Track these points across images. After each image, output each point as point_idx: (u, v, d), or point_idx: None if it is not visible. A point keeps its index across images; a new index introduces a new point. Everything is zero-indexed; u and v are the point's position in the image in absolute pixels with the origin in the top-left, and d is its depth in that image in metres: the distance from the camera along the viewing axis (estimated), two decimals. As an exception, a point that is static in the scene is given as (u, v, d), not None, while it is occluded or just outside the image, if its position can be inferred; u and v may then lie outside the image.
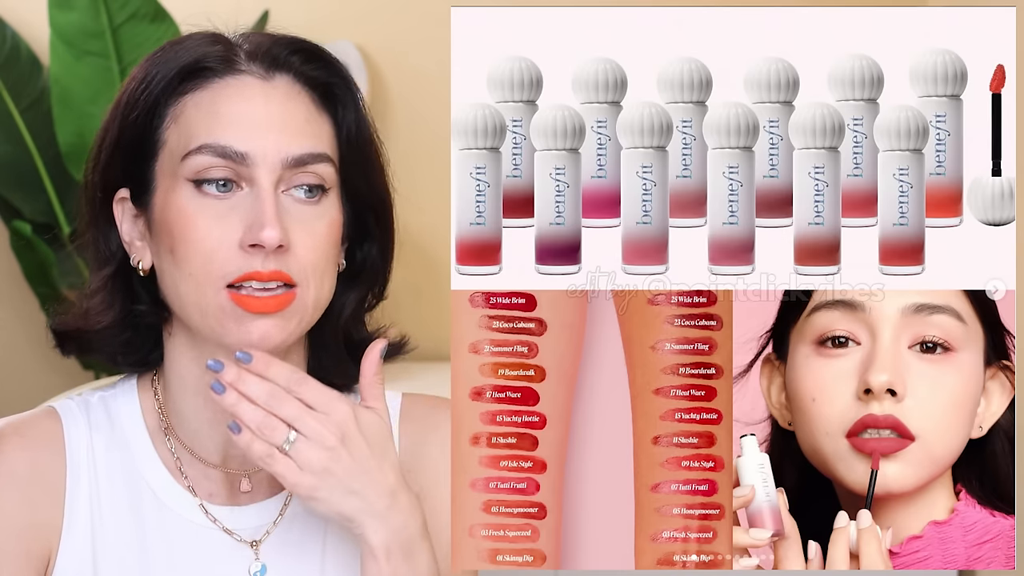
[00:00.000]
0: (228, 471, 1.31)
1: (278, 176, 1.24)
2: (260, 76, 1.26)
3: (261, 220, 1.22)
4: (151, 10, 2.85)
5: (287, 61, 1.27)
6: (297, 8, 3.05)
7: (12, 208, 2.99)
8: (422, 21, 3.05)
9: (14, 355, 3.16)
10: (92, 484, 1.29)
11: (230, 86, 1.25)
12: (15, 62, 2.98)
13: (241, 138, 1.23)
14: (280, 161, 1.23)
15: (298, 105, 1.26)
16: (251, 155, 1.23)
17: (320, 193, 1.25)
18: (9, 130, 2.96)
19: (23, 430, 1.29)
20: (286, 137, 1.24)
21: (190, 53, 1.26)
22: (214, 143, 1.23)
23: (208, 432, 1.30)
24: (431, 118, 3.06)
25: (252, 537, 1.30)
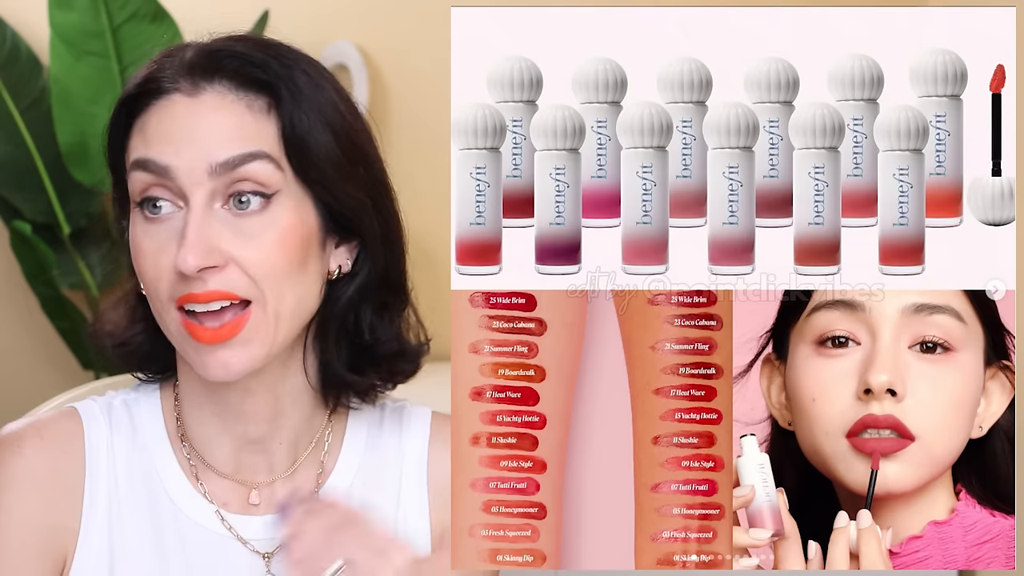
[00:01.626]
0: (240, 482, 1.31)
1: (210, 189, 1.21)
2: (187, 92, 1.23)
3: (181, 242, 1.19)
4: (151, 10, 2.85)
5: (221, 67, 1.24)
6: (297, 8, 3.05)
7: (12, 208, 2.99)
8: (422, 21, 3.05)
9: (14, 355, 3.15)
10: (111, 487, 1.29)
11: (161, 108, 1.23)
12: (15, 62, 2.98)
13: (164, 152, 1.21)
14: (205, 169, 1.20)
15: (228, 113, 1.22)
16: (173, 168, 1.21)
17: (263, 200, 1.22)
18: (9, 130, 2.96)
19: (43, 431, 1.29)
20: (211, 144, 1.21)
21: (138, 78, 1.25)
22: (140, 158, 1.22)
23: (218, 443, 1.30)
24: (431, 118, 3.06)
25: (265, 548, 1.30)
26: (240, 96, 1.23)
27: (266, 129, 1.23)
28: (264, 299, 1.22)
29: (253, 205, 1.21)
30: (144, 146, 1.23)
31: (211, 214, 1.21)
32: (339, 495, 1.25)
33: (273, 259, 1.22)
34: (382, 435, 1.35)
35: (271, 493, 1.31)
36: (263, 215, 1.22)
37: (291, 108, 1.23)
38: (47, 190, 2.97)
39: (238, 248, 1.21)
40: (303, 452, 1.32)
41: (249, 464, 1.30)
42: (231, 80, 1.23)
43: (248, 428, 1.29)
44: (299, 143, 1.23)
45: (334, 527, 1.20)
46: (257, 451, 1.30)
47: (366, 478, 1.33)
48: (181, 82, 1.23)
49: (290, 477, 1.31)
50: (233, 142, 1.21)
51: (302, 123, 1.23)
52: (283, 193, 1.23)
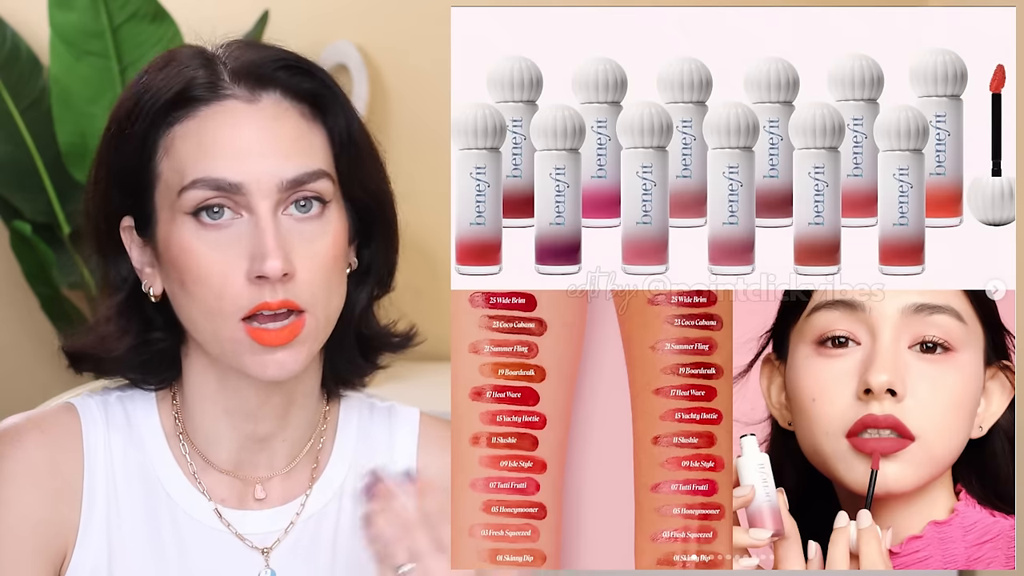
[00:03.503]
0: (240, 477, 1.31)
1: (275, 200, 1.22)
2: (245, 99, 1.24)
3: (263, 251, 1.21)
4: (151, 10, 2.85)
5: (273, 77, 1.25)
6: (297, 8, 3.04)
7: (12, 208, 2.99)
8: (422, 21, 3.05)
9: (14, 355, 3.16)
10: (109, 482, 1.29)
11: (216, 113, 1.23)
12: (15, 62, 2.98)
13: (232, 168, 1.22)
14: (275, 186, 1.22)
15: (286, 123, 1.24)
16: (245, 184, 1.22)
17: (320, 206, 1.24)
18: (9, 130, 2.96)
19: (43, 426, 1.30)
20: (278, 160, 1.22)
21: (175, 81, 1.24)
22: (206, 177, 1.22)
23: (224, 442, 1.31)
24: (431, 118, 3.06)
25: (263, 543, 1.30)
26: (293, 105, 1.25)
27: (316, 140, 1.26)
28: (317, 307, 1.24)
29: (309, 210, 1.24)
30: (206, 159, 1.22)
31: (279, 221, 1.23)
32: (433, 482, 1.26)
33: (327, 266, 1.25)
34: (372, 433, 1.36)
35: (269, 488, 1.31)
36: (320, 221, 1.25)
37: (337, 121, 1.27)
38: (47, 190, 2.97)
39: (301, 258, 1.23)
40: (303, 449, 1.33)
41: (250, 461, 1.31)
42: (281, 89, 1.25)
43: (258, 426, 1.30)
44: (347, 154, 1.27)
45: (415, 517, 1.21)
46: (261, 448, 1.31)
47: (358, 475, 1.33)
48: (236, 89, 1.24)
49: (287, 474, 1.32)
50: (297, 156, 1.23)
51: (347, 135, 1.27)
52: (334, 202, 1.26)
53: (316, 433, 1.34)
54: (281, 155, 1.23)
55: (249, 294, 1.22)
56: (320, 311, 1.25)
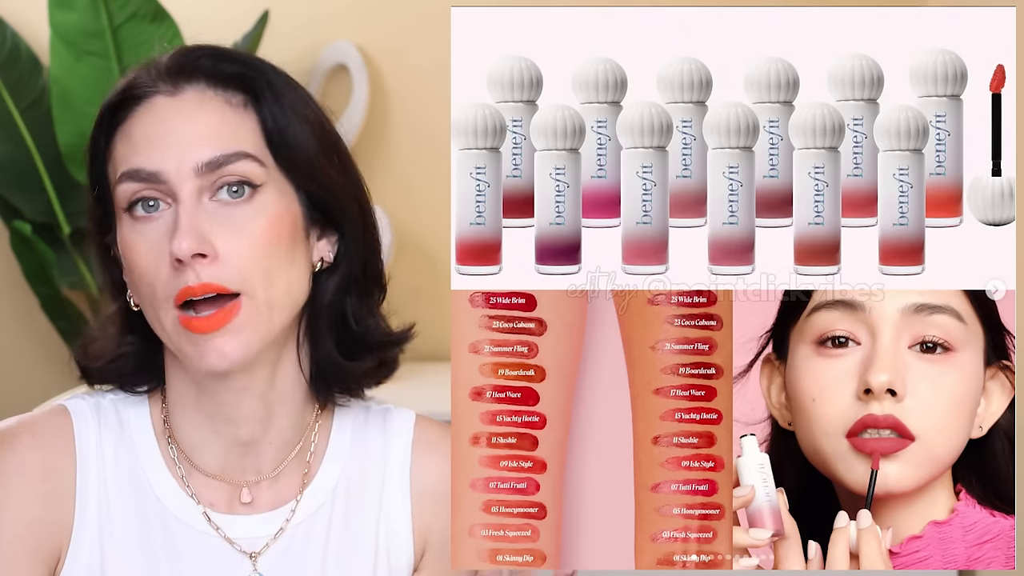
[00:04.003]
0: (228, 482, 1.31)
1: (196, 185, 1.23)
2: (168, 93, 1.26)
3: (175, 232, 1.22)
4: (151, 10, 2.85)
5: (196, 67, 1.27)
6: (297, 8, 3.05)
7: (12, 208, 2.99)
8: (422, 21, 3.05)
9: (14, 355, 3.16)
10: (101, 484, 1.29)
11: (144, 111, 1.26)
12: (15, 62, 2.98)
13: (151, 157, 1.24)
14: (192, 170, 1.23)
15: (209, 110, 1.26)
16: (163, 172, 1.24)
17: (250, 190, 1.25)
18: (9, 130, 2.96)
19: (35, 429, 1.30)
20: (195, 145, 1.24)
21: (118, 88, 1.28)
22: (128, 168, 1.25)
23: (207, 445, 1.31)
24: (431, 118, 3.06)
25: (252, 547, 1.30)
26: (218, 93, 1.26)
27: (245, 125, 1.26)
28: (254, 290, 1.24)
29: (240, 195, 1.24)
30: (132, 153, 1.25)
31: (200, 206, 1.24)
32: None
33: (261, 249, 1.24)
34: (367, 436, 1.35)
35: (258, 493, 1.31)
36: (250, 204, 1.25)
37: (268, 103, 1.27)
38: (47, 190, 2.97)
39: (227, 240, 1.23)
40: (290, 453, 1.32)
41: (237, 465, 1.31)
42: (208, 79, 1.27)
43: (239, 430, 1.30)
44: (280, 135, 1.26)
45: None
46: (246, 452, 1.31)
47: (350, 480, 1.34)
48: (160, 84, 1.26)
49: (276, 478, 1.32)
50: (217, 140, 1.24)
51: (280, 117, 1.27)
52: (268, 185, 1.26)
53: (306, 438, 1.33)
54: (199, 140, 1.24)
55: (173, 279, 1.23)
56: (259, 294, 1.24)
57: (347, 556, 1.32)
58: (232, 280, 1.23)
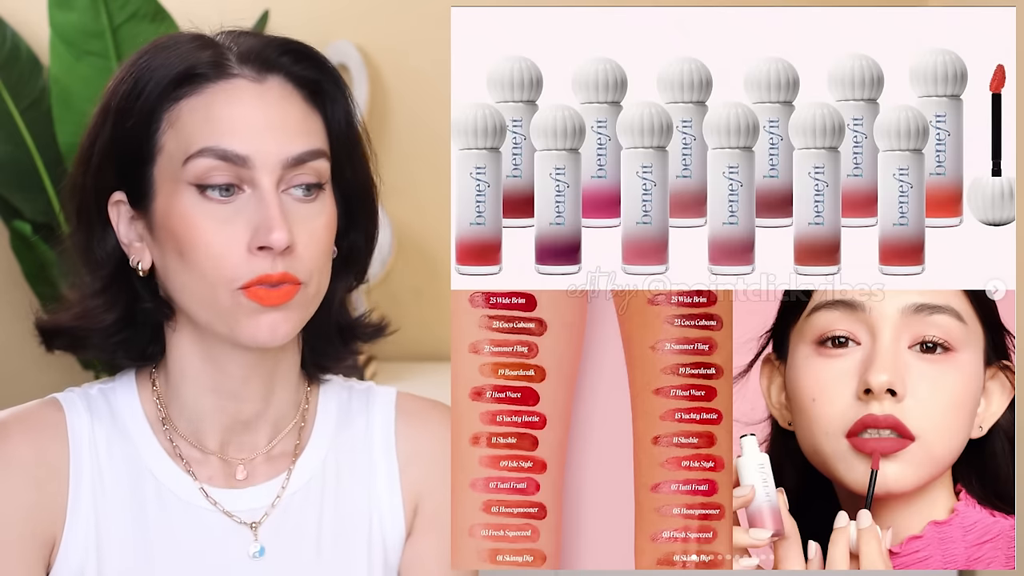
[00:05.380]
0: (225, 458, 1.33)
1: (279, 177, 1.25)
2: (252, 79, 1.26)
3: (268, 223, 1.23)
4: (151, 10, 2.85)
5: (278, 62, 1.27)
6: (297, 8, 3.05)
7: (12, 208, 2.99)
8: (422, 21, 3.05)
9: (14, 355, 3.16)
10: (95, 470, 1.31)
11: (224, 90, 1.26)
12: (15, 62, 2.98)
13: (240, 141, 1.24)
14: (280, 162, 1.25)
15: (292, 105, 1.27)
16: (252, 158, 1.24)
17: (317, 191, 1.27)
18: (9, 130, 2.96)
19: (27, 419, 1.32)
20: (284, 137, 1.25)
21: (181, 60, 1.27)
22: (215, 146, 1.24)
23: (209, 421, 1.32)
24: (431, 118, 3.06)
25: (250, 519, 1.32)
26: (296, 89, 1.28)
27: (316, 124, 1.28)
28: (311, 281, 1.27)
29: (310, 194, 1.26)
30: (216, 132, 1.25)
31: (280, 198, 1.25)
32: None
33: (322, 246, 1.27)
34: (351, 412, 1.38)
35: (252, 468, 1.34)
36: (315, 204, 1.27)
37: (335, 108, 1.29)
38: (47, 190, 2.97)
39: (300, 235, 1.25)
40: (284, 428, 1.35)
41: (235, 442, 1.33)
42: (285, 74, 1.28)
43: (242, 407, 1.32)
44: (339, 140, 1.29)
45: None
46: (245, 430, 1.33)
47: (339, 452, 1.36)
48: (245, 69, 1.27)
49: (270, 452, 1.34)
50: (301, 136, 1.26)
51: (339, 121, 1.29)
52: (327, 186, 1.28)
53: (299, 413, 1.36)
54: (287, 133, 1.25)
55: (249, 265, 1.24)
56: (313, 286, 1.27)
57: (342, 525, 1.34)
58: (302, 272, 1.25)
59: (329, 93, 1.29)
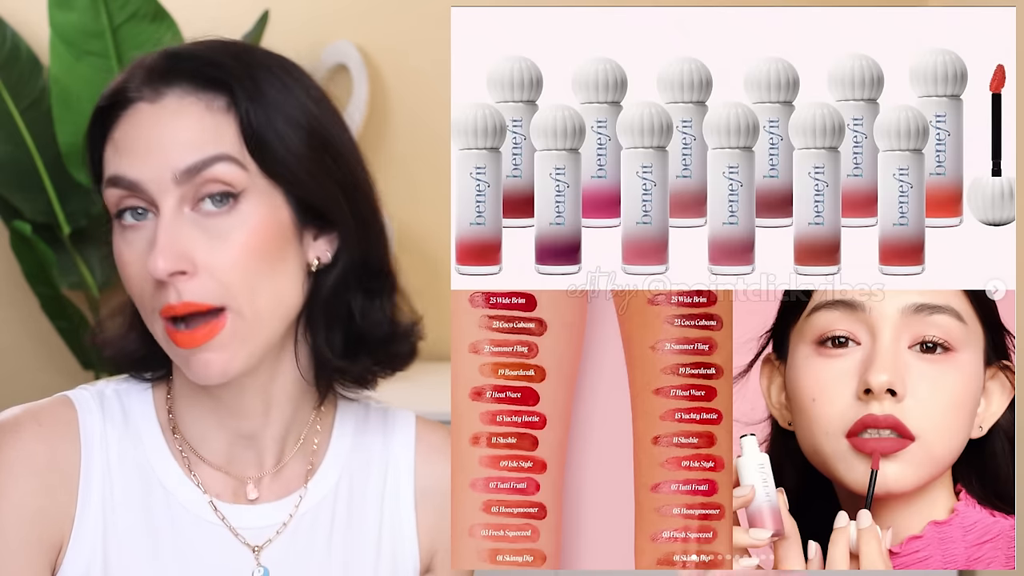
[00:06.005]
0: (233, 475, 1.31)
1: (178, 196, 1.21)
2: (149, 99, 1.23)
3: (152, 249, 1.20)
4: (151, 10, 2.85)
5: (177, 70, 1.24)
6: (297, 8, 3.05)
7: (12, 208, 2.99)
8: (422, 21, 3.05)
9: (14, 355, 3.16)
10: (105, 473, 1.29)
11: (128, 117, 1.24)
12: (15, 62, 2.98)
13: (131, 165, 1.22)
14: (171, 178, 1.21)
15: (187, 116, 1.23)
16: (142, 181, 1.22)
17: (232, 200, 1.22)
18: (9, 130, 2.96)
19: (40, 418, 1.30)
20: (174, 152, 1.21)
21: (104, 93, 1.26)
22: (112, 174, 1.23)
23: (212, 437, 1.31)
24: (431, 118, 3.06)
25: (256, 539, 1.30)
26: (200, 97, 1.23)
27: (226, 128, 1.23)
28: (239, 303, 1.22)
29: (224, 204, 1.22)
30: (116, 160, 1.24)
31: (181, 218, 1.21)
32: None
33: (244, 261, 1.22)
34: (367, 433, 1.36)
35: (262, 488, 1.32)
36: (232, 215, 1.22)
37: (247, 105, 1.23)
38: (47, 190, 2.97)
39: (208, 253, 1.21)
40: (292, 447, 1.33)
41: (240, 458, 1.31)
42: (189, 82, 1.24)
43: (241, 424, 1.30)
44: (258, 138, 1.23)
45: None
46: (249, 445, 1.31)
47: (352, 476, 1.34)
48: (144, 90, 1.24)
49: (279, 472, 1.32)
50: (194, 146, 1.22)
51: (259, 119, 1.23)
52: (250, 191, 1.23)
53: (308, 432, 1.34)
54: (177, 147, 1.22)
55: (157, 295, 1.22)
56: (245, 307, 1.22)
57: (349, 554, 1.32)
58: (214, 296, 1.21)
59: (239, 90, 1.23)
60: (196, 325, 1.22)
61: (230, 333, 1.22)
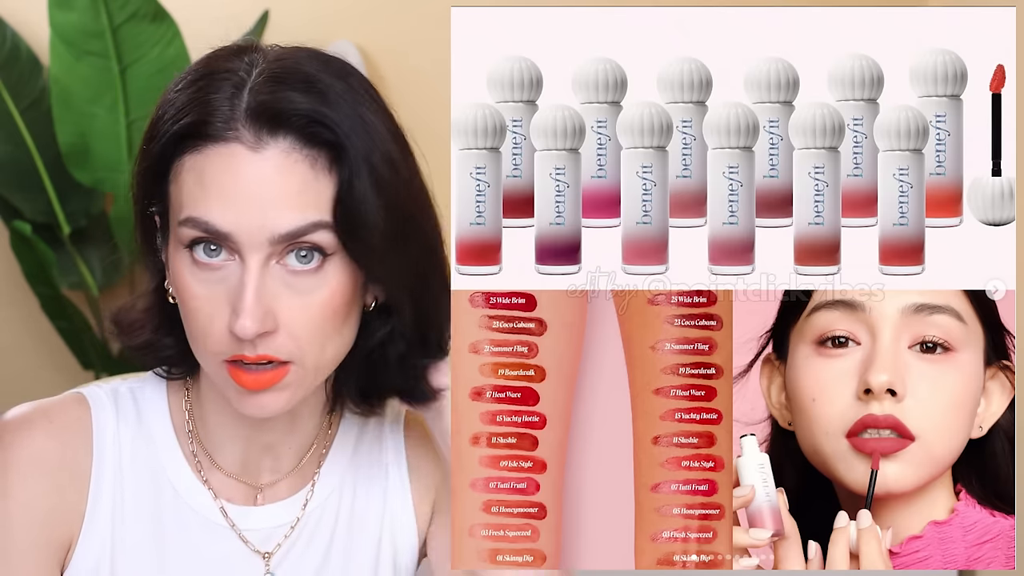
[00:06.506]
0: (246, 482, 1.31)
1: (267, 253, 1.17)
2: (250, 145, 1.16)
3: (239, 308, 1.16)
4: (151, 10, 2.85)
5: (288, 122, 1.17)
6: (297, 8, 3.05)
7: (12, 208, 2.99)
8: (422, 21, 3.05)
9: (14, 355, 3.16)
10: (116, 473, 1.29)
11: (221, 154, 1.16)
12: (15, 62, 2.98)
13: (224, 216, 1.16)
14: (267, 239, 1.16)
15: (291, 175, 1.16)
16: (234, 235, 1.16)
17: (321, 258, 1.19)
18: (9, 130, 2.96)
19: (52, 415, 1.28)
20: (273, 213, 1.16)
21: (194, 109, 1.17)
22: (198, 217, 1.17)
23: (230, 445, 1.31)
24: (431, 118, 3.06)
25: (266, 547, 1.30)
26: (305, 154, 1.17)
27: (325, 189, 1.18)
28: (305, 358, 1.20)
29: (309, 261, 1.18)
30: (204, 203, 1.16)
31: (267, 274, 1.18)
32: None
33: (320, 322, 1.20)
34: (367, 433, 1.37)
35: (275, 491, 1.32)
36: (317, 275, 1.19)
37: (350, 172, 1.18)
38: (47, 190, 2.97)
39: (290, 311, 1.18)
40: (307, 454, 1.34)
41: (256, 465, 1.32)
42: (297, 136, 1.17)
43: (264, 435, 1.31)
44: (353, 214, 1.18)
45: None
46: (266, 453, 1.32)
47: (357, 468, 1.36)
48: (244, 132, 1.17)
49: (292, 474, 1.32)
50: (297, 211, 1.16)
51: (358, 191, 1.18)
52: (337, 254, 1.20)
53: (319, 438, 1.34)
54: (278, 208, 1.16)
55: (229, 342, 1.18)
56: (309, 362, 1.21)
57: (362, 552, 1.33)
58: (287, 352, 1.19)
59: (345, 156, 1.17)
60: (263, 370, 1.19)
61: (292, 380, 1.21)
